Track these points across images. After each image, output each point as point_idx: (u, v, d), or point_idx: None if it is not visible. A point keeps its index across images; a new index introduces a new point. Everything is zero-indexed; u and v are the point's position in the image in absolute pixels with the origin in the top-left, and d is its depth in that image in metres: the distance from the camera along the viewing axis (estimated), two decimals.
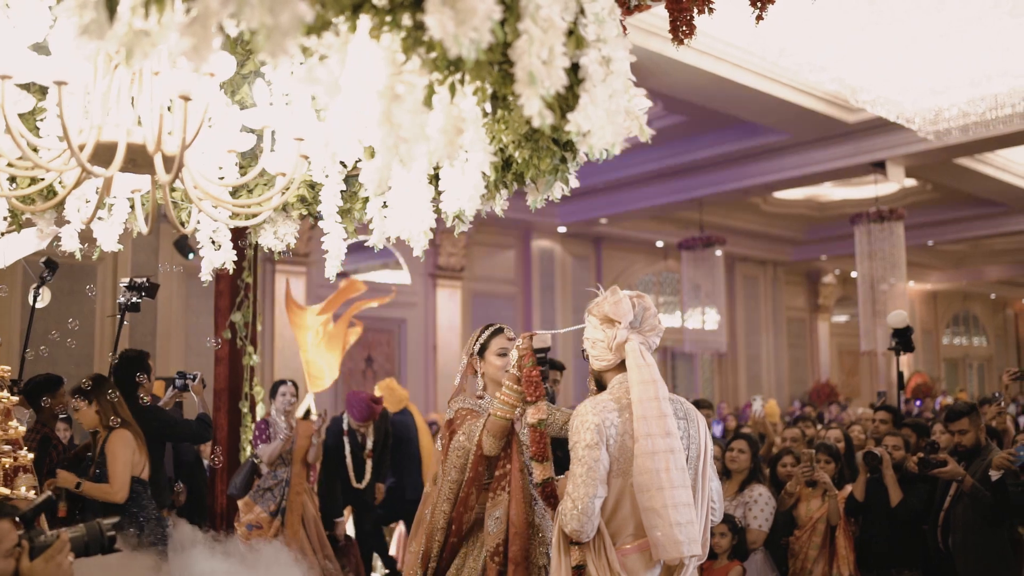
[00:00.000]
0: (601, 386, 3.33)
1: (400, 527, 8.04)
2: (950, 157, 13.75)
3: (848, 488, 6.03)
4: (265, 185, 3.41)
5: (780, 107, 11.99)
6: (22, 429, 3.90)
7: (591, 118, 2.16)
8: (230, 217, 3.15)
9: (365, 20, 1.91)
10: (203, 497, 6.97)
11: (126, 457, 5.05)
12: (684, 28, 4.15)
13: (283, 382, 7.15)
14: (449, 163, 2.15)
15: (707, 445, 3.28)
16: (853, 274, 24.32)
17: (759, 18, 4.11)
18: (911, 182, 15.92)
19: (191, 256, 10.97)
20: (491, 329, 3.89)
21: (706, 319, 19.57)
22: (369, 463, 7.49)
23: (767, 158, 14.69)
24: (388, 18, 1.85)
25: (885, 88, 10.48)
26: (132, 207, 3.37)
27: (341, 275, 3.72)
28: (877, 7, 8.85)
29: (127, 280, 6.24)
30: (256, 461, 6.83)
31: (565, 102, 2.18)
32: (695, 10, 4.06)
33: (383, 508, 7.87)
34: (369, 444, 7.50)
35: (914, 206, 17.07)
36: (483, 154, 2.28)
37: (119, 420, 5.09)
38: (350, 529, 7.70)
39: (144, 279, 6.24)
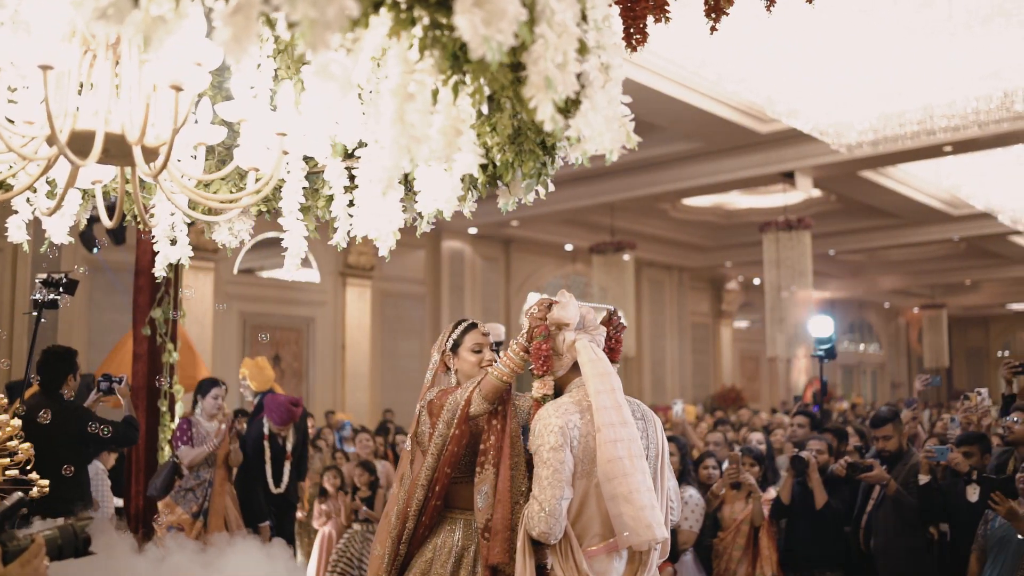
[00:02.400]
0: (556, 395, 3.34)
1: (325, 531, 7.86)
2: (855, 170, 14.20)
3: (771, 490, 6.17)
4: (223, 180, 3.32)
5: (695, 116, 12.19)
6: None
7: (591, 124, 2.17)
8: (195, 210, 3.05)
9: (378, 17, 1.88)
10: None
11: None
12: (637, 36, 4.19)
13: (216, 383, 6.91)
14: (447, 164, 2.12)
15: (664, 445, 3.34)
16: (756, 281, 24.99)
17: (713, 28, 4.17)
18: (816, 192, 16.39)
19: (96, 250, 10.58)
20: (464, 324, 3.74)
21: None
22: (288, 465, 7.34)
23: (679, 165, 14.94)
24: (410, 15, 1.83)
25: (801, 101, 10.77)
26: (83, 198, 3.25)
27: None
28: (796, 25, 9.08)
29: (43, 276, 5.98)
30: (176, 461, 6.63)
31: (564, 107, 2.18)
32: (651, 18, 4.10)
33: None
34: (289, 447, 7.36)
35: (817, 216, 17.56)
36: (472, 156, 2.26)
37: None
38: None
39: (62, 275, 5.99)
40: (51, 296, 5.92)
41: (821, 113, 11.12)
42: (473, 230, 18.75)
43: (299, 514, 7.95)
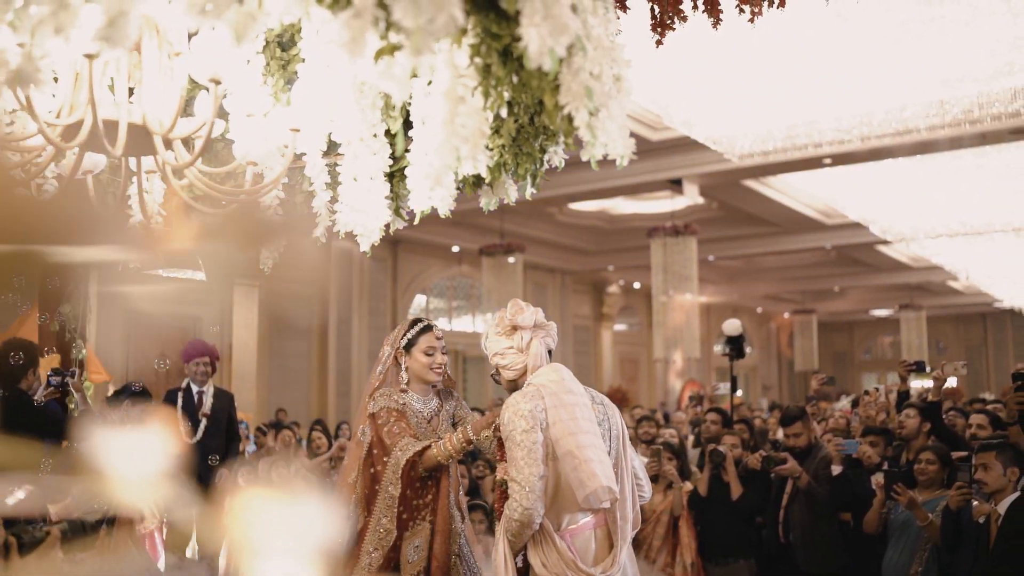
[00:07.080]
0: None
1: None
2: (739, 178, 14.73)
3: (688, 483, 6.46)
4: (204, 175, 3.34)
5: None
6: None
7: (608, 131, 2.32)
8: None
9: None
10: None
11: None
12: None
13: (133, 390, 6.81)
14: (473, 166, 2.23)
15: (623, 427, 3.58)
16: (636, 285, 25.59)
17: (659, 43, 4.39)
18: (700, 200, 16.94)
19: None
20: (420, 325, 3.91)
21: None
22: (204, 423, 7.23)
23: (569, 170, 15.10)
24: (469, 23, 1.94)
25: (696, 112, 11.18)
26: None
27: None
28: (697, 39, 9.44)
29: None
30: None
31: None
32: None
33: None
34: (208, 404, 7.27)
35: (698, 223, 18.10)
36: (483, 156, 2.39)
37: None
38: None
39: None
40: None
41: (714, 124, 11.57)
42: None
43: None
